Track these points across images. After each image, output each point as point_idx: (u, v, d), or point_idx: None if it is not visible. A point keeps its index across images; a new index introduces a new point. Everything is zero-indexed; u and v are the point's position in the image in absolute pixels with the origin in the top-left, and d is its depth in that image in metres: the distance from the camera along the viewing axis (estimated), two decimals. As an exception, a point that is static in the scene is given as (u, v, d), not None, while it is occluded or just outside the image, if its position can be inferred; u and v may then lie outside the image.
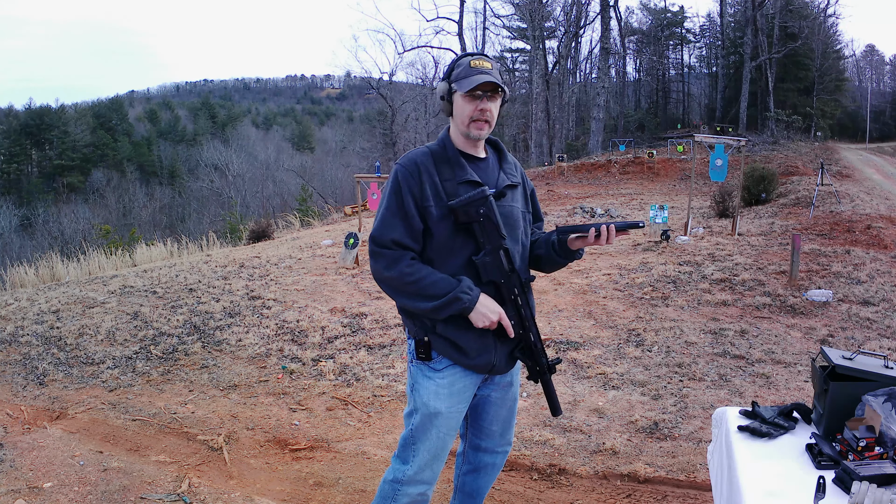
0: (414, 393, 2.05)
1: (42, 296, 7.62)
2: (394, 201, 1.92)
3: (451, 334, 1.95)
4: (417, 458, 2.05)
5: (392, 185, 1.94)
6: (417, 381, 2.03)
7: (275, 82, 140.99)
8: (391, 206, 1.92)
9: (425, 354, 1.98)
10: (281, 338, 5.60)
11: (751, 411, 2.12)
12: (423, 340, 1.97)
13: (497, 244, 1.94)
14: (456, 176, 1.96)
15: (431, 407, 2.01)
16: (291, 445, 3.61)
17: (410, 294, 1.90)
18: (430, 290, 1.88)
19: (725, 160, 10.49)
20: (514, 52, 46.36)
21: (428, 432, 2.03)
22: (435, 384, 2.00)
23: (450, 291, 1.87)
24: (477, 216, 1.90)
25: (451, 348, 1.96)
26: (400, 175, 1.93)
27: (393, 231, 1.90)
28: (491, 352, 1.99)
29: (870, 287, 6.63)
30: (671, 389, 4.22)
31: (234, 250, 13.31)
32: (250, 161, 50.40)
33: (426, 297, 1.88)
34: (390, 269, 1.88)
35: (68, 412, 4.13)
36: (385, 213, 1.92)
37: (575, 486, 3.13)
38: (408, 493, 2.07)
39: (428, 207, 1.92)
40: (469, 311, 1.89)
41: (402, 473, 2.06)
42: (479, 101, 1.92)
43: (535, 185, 24.37)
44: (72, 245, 19.72)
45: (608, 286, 7.01)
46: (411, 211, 1.91)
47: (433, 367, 2.00)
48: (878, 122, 44.15)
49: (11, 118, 59.82)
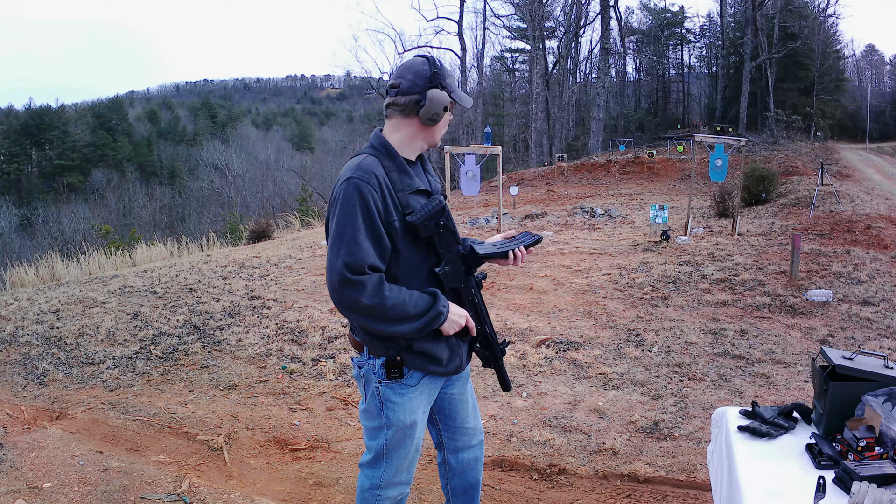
0: (385, 412, 1.96)
1: (42, 296, 7.62)
2: (361, 220, 1.76)
3: (426, 348, 1.91)
4: (391, 464, 2.02)
5: (358, 202, 1.76)
6: (389, 401, 1.95)
7: (275, 82, 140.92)
8: (361, 227, 1.76)
9: (398, 373, 1.92)
10: (281, 338, 5.60)
11: (751, 411, 2.12)
12: (396, 360, 1.90)
13: (456, 252, 1.94)
14: (405, 185, 1.88)
15: (408, 420, 1.97)
16: (291, 445, 3.61)
17: (390, 319, 1.79)
18: (410, 311, 1.81)
19: (725, 160, 10.49)
20: (514, 52, 46.38)
21: (404, 445, 2.01)
22: (410, 400, 1.96)
23: (429, 309, 1.84)
24: (437, 228, 1.86)
25: (427, 361, 1.93)
26: (363, 189, 1.77)
27: (367, 255, 1.75)
28: (460, 354, 2.02)
29: (870, 287, 6.63)
30: (671, 389, 4.23)
31: (234, 250, 13.31)
32: (250, 161, 50.38)
33: (407, 320, 1.81)
34: (372, 298, 1.74)
35: (68, 412, 4.13)
36: (355, 235, 1.75)
37: (575, 486, 3.13)
38: (388, 497, 2.05)
39: (393, 223, 1.82)
40: (444, 323, 1.89)
41: (379, 479, 2.03)
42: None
43: (536, 185, 24.48)
44: (72, 245, 19.72)
45: (608, 286, 7.01)
46: (379, 229, 1.79)
47: (406, 384, 1.94)
48: (878, 122, 44.14)
49: (11, 118, 59.81)
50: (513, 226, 13.08)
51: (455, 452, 2.24)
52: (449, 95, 1.89)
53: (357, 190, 1.77)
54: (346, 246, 1.75)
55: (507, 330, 5.52)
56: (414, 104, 1.87)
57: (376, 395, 1.96)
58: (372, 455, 2.03)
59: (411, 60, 1.92)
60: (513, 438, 3.60)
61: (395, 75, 1.93)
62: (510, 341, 2.15)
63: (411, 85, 1.87)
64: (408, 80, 1.87)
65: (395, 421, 1.96)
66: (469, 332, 1.98)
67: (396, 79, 1.90)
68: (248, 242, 16.14)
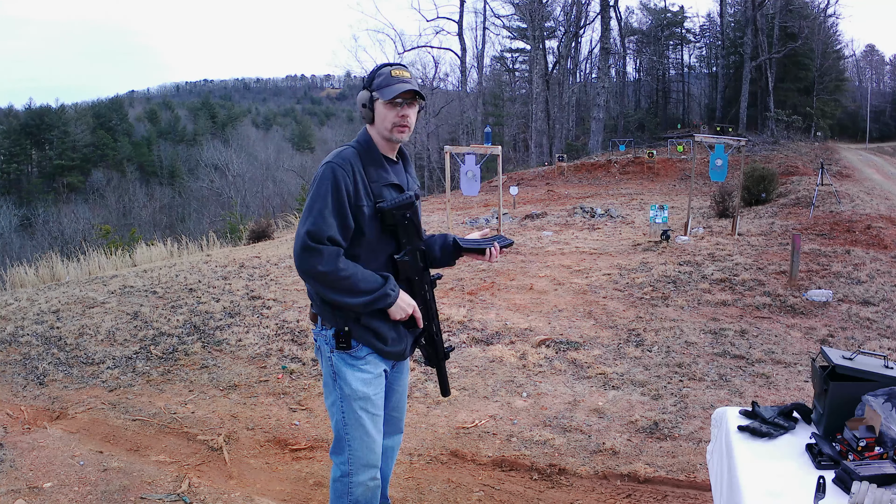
0: (339, 382, 2.11)
1: (42, 296, 7.62)
2: (331, 199, 1.97)
3: (372, 325, 2.08)
4: (354, 445, 2.13)
5: (330, 182, 1.98)
6: (340, 370, 2.10)
7: (275, 82, 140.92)
8: (328, 204, 1.96)
9: (346, 343, 2.07)
10: (281, 338, 5.60)
11: (751, 411, 2.12)
12: (344, 330, 2.06)
13: (416, 245, 2.12)
14: (381, 178, 2.08)
15: (360, 392, 2.11)
16: (291, 445, 3.61)
17: (341, 289, 1.97)
18: (361, 286, 1.98)
19: (725, 160, 10.49)
20: (514, 52, 46.37)
21: (360, 418, 2.12)
22: (360, 371, 2.11)
23: (378, 288, 2.01)
24: (402, 219, 2.07)
25: (373, 337, 2.09)
26: (337, 173, 1.99)
27: (329, 228, 1.95)
28: (404, 341, 2.18)
29: (870, 287, 6.63)
30: (671, 389, 4.22)
31: (234, 250, 13.31)
32: (250, 161, 50.40)
33: (356, 293, 1.98)
34: (325, 265, 1.93)
35: (68, 412, 4.13)
36: (322, 210, 1.95)
37: (575, 486, 3.13)
38: (360, 482, 2.16)
39: (361, 207, 2.01)
40: (391, 305, 2.05)
41: (346, 465, 2.15)
42: (400, 108, 2.06)
43: (536, 185, 24.47)
44: (72, 245, 19.73)
45: (608, 286, 7.01)
46: (346, 210, 1.98)
47: (355, 356, 2.10)
48: (878, 122, 44.16)
49: (11, 118, 59.84)
50: (513, 226, 13.08)
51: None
52: (370, 93, 2.08)
53: (332, 172, 1.99)
54: (313, 217, 1.95)
55: (507, 330, 5.52)
56: (361, 108, 2.13)
57: (329, 366, 2.13)
58: (334, 435, 2.16)
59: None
60: (513, 438, 3.60)
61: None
62: (453, 348, 2.33)
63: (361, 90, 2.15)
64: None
65: (348, 392, 2.10)
66: (416, 323, 2.15)
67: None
68: (248, 242, 16.14)
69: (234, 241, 17.73)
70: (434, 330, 2.24)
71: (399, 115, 2.06)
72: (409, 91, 2.04)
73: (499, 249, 2.27)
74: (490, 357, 4.89)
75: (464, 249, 2.23)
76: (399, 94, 2.02)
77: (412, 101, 2.09)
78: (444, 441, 3.60)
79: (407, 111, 2.07)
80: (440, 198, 24.79)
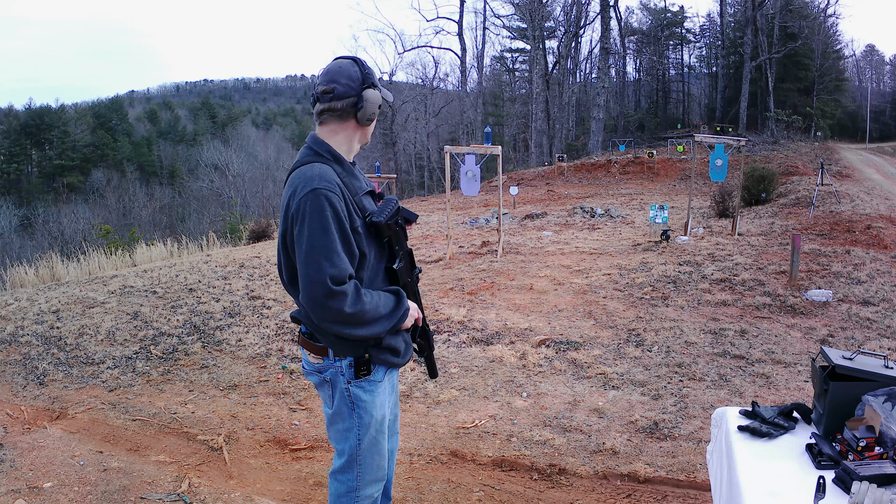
0: (357, 412, 1.96)
1: (42, 296, 7.62)
2: (336, 232, 1.78)
3: (390, 342, 1.98)
4: (365, 466, 2.03)
5: (330, 213, 1.77)
6: (360, 399, 1.96)
7: (275, 82, 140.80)
8: (336, 238, 1.77)
9: (366, 370, 1.95)
10: (281, 338, 5.60)
11: (751, 411, 2.12)
12: (364, 357, 1.93)
13: (406, 248, 2.04)
14: (357, 189, 1.91)
15: (380, 416, 2.01)
16: (291, 445, 3.61)
17: (368, 322, 1.83)
18: (383, 311, 1.88)
19: (725, 160, 10.49)
20: (514, 52, 46.39)
21: (377, 443, 2.03)
22: (378, 395, 2.00)
23: (396, 307, 1.92)
24: (395, 227, 1.95)
25: (391, 355, 1.99)
26: (333, 200, 1.78)
27: (347, 266, 1.78)
28: (409, 345, 2.12)
29: (870, 287, 6.63)
30: (671, 389, 4.22)
31: (234, 250, 13.31)
32: (250, 161, 50.38)
33: (381, 320, 1.87)
34: (353, 306, 1.77)
35: (68, 412, 4.13)
36: (332, 248, 1.76)
37: (575, 486, 3.13)
38: (366, 496, 2.07)
39: (357, 228, 1.84)
40: (406, 318, 1.98)
41: (355, 481, 2.03)
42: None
43: (536, 184, 24.49)
44: (72, 245, 19.72)
45: (608, 286, 7.01)
46: (351, 238, 1.82)
47: (373, 380, 1.98)
48: (878, 122, 44.15)
49: (11, 118, 59.82)
50: (513, 226, 13.08)
51: None
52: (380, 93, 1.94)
53: (327, 200, 1.77)
54: (327, 259, 1.75)
55: (507, 330, 5.52)
56: (351, 107, 1.90)
57: (346, 397, 1.96)
58: (344, 459, 2.02)
59: (338, 63, 1.91)
60: (513, 438, 3.60)
61: (324, 80, 1.90)
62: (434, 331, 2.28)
63: (346, 88, 1.88)
64: (342, 84, 1.88)
65: (367, 420, 1.98)
66: (416, 323, 2.09)
67: (328, 84, 1.88)
68: (248, 242, 16.14)
69: (233, 241, 17.73)
70: (426, 324, 2.21)
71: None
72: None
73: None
74: (490, 357, 4.89)
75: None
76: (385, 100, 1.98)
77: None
78: (444, 441, 3.60)
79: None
80: (440, 198, 24.79)
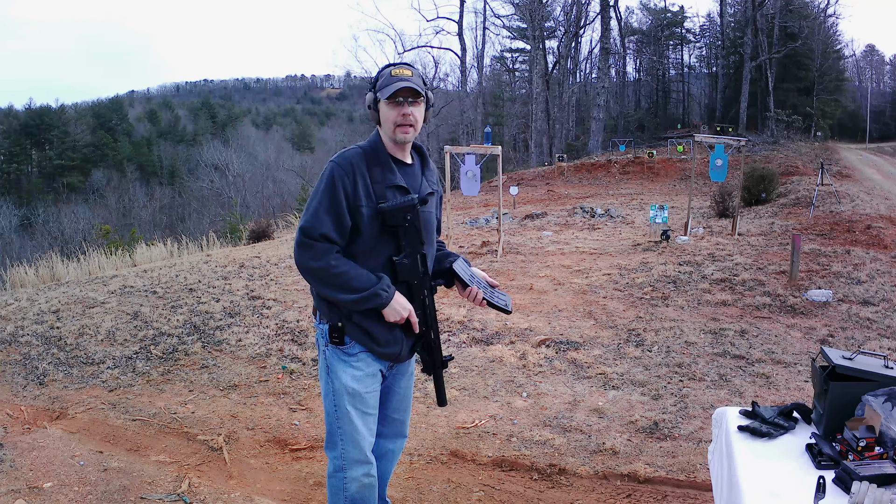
0: (330, 375, 2.15)
1: (42, 296, 7.62)
2: (326, 197, 2.01)
3: (364, 324, 2.09)
4: (345, 440, 2.16)
5: (327, 181, 2.02)
6: (333, 364, 2.14)
7: (275, 82, 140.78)
8: (324, 202, 2.00)
9: (339, 339, 2.10)
10: (281, 338, 5.60)
11: (751, 411, 2.12)
12: (338, 325, 2.09)
13: (416, 248, 2.12)
14: (386, 179, 2.07)
15: (350, 388, 2.13)
16: (291, 445, 3.61)
17: (334, 285, 2.01)
18: (353, 283, 2.01)
19: (725, 160, 10.49)
20: (514, 52, 46.36)
21: (349, 413, 2.14)
22: (351, 367, 2.13)
23: (370, 287, 2.02)
24: (403, 221, 2.06)
25: (364, 336, 2.11)
26: (336, 173, 2.02)
27: (322, 226, 1.99)
28: (399, 343, 2.16)
29: (870, 287, 6.63)
30: (671, 389, 4.22)
31: (234, 250, 13.31)
32: (250, 161, 50.41)
33: (348, 290, 2.01)
34: (317, 261, 1.99)
35: (68, 412, 4.13)
36: (318, 208, 2.00)
37: (575, 486, 3.13)
38: (353, 478, 2.18)
39: (360, 207, 2.03)
40: (384, 306, 2.05)
41: (338, 460, 2.17)
42: (402, 107, 2.05)
43: (536, 185, 24.48)
44: (72, 245, 19.72)
45: (608, 286, 7.01)
46: (342, 209, 2.01)
47: (347, 352, 2.13)
48: (878, 122, 44.13)
49: (11, 118, 59.82)
50: (513, 226, 13.08)
51: (378, 437, 2.36)
52: (374, 94, 2.09)
53: (331, 172, 2.03)
54: (309, 215, 2.01)
55: (507, 330, 5.52)
56: (367, 109, 2.16)
57: (324, 359, 2.18)
58: (328, 432, 2.19)
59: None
60: (513, 438, 3.60)
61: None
62: (452, 357, 2.30)
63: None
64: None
65: (338, 386, 2.13)
66: (412, 328, 2.13)
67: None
68: (248, 242, 16.14)
69: (234, 241, 17.73)
70: (432, 337, 2.21)
71: (401, 114, 2.04)
72: (405, 88, 2.01)
73: (480, 299, 2.22)
74: (490, 357, 4.89)
75: (452, 272, 2.24)
76: (395, 91, 2.00)
77: (415, 99, 2.06)
78: (444, 441, 3.60)
79: (409, 109, 2.04)
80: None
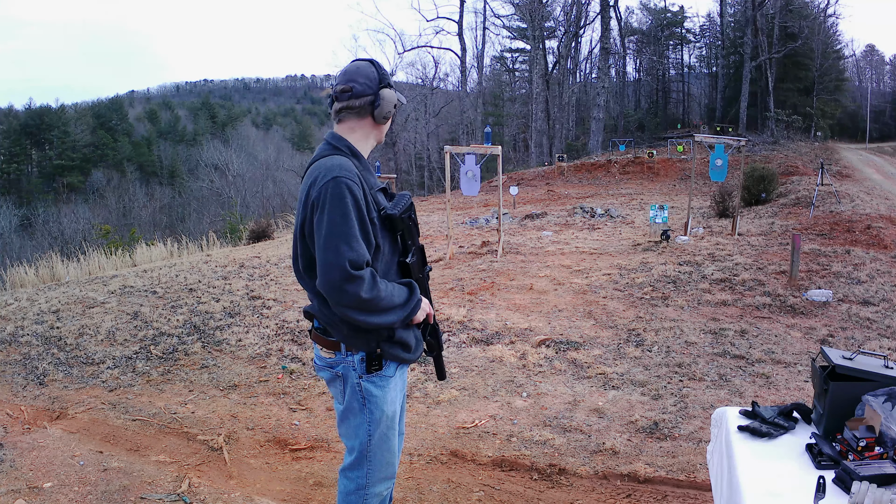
0: (369, 406, 1.99)
1: (42, 296, 7.62)
2: (355, 219, 1.83)
3: (401, 336, 2.00)
4: (376, 462, 2.05)
5: (351, 201, 1.83)
6: (372, 394, 1.99)
7: (275, 82, 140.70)
8: (355, 225, 1.83)
9: (378, 365, 1.97)
10: (281, 338, 5.60)
11: (751, 411, 2.12)
12: (376, 352, 1.96)
13: (418, 243, 2.08)
14: (373, 184, 1.98)
15: (390, 412, 2.04)
16: (291, 445, 3.61)
17: (382, 310, 1.88)
18: (397, 300, 1.92)
19: (725, 160, 10.49)
20: (514, 52, 46.35)
21: (387, 439, 2.05)
22: (389, 391, 2.02)
23: (409, 298, 1.96)
24: (409, 221, 2.01)
25: (401, 350, 2.01)
26: (354, 189, 1.85)
27: (365, 252, 1.83)
28: (420, 341, 2.13)
29: (870, 287, 6.63)
30: (671, 389, 4.22)
31: (234, 250, 13.31)
32: (250, 161, 50.40)
33: (395, 309, 1.92)
34: (370, 291, 1.82)
35: (68, 412, 4.13)
36: (352, 233, 1.81)
37: (575, 486, 3.13)
38: (375, 493, 2.09)
39: (373, 220, 1.91)
40: (418, 311, 2.01)
41: (362, 479, 2.05)
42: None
43: (536, 185, 24.48)
44: (72, 245, 19.72)
45: (608, 286, 7.01)
46: (368, 227, 1.87)
47: (385, 375, 2.00)
48: (878, 122, 44.10)
49: (11, 118, 59.79)
50: (513, 226, 13.08)
51: None
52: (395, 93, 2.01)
53: (348, 189, 1.84)
54: (346, 243, 1.80)
55: (507, 330, 5.52)
56: (368, 105, 1.99)
57: (357, 392, 1.99)
58: (355, 456, 2.04)
59: (356, 64, 2.01)
60: (513, 438, 3.60)
61: (343, 80, 1.99)
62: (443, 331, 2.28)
63: (364, 87, 1.98)
64: (360, 83, 1.98)
65: (378, 415, 2.01)
66: (427, 319, 2.10)
67: (347, 83, 1.98)
68: (248, 242, 16.14)
69: (234, 241, 17.73)
70: (436, 322, 2.21)
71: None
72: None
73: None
74: (490, 357, 4.89)
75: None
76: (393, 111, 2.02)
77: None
78: (444, 441, 3.60)
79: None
80: (440, 198, 24.79)
